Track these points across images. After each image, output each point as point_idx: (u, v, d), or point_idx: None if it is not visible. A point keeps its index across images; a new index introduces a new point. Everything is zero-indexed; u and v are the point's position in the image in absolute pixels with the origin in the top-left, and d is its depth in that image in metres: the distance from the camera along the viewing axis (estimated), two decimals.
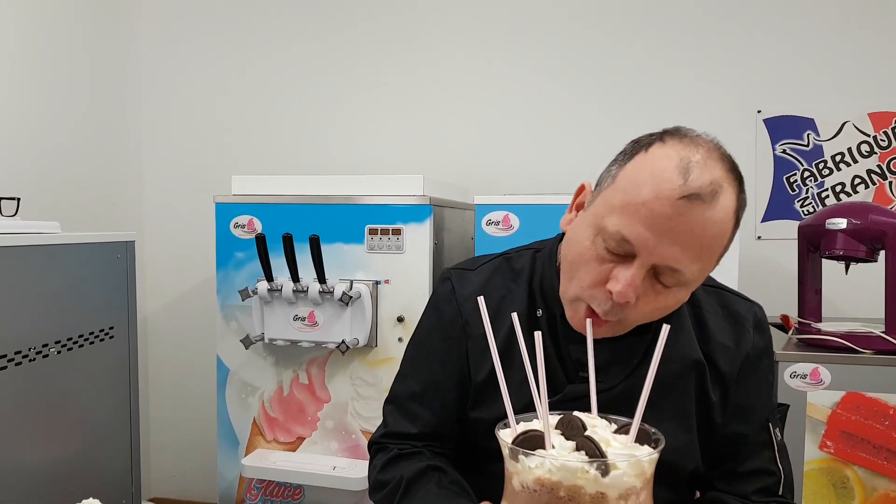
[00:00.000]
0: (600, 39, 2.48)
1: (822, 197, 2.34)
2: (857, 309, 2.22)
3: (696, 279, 0.86)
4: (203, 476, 2.81)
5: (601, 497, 0.66)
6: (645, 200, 0.81)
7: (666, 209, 0.80)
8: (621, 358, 0.94)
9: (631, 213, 0.81)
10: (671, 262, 0.82)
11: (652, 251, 0.81)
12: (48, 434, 1.67)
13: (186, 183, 2.84)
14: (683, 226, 0.80)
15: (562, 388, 0.95)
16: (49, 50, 2.37)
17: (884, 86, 2.29)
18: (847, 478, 1.70)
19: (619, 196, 0.84)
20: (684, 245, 0.81)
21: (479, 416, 1.00)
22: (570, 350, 0.95)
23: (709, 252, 0.84)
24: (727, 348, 0.99)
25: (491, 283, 1.03)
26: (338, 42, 2.69)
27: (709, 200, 0.80)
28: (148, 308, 2.89)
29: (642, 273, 0.82)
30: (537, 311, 0.98)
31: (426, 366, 1.06)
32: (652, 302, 0.85)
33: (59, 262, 1.71)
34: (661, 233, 0.80)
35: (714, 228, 0.82)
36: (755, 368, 1.01)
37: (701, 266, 0.84)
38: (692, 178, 0.80)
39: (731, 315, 1.02)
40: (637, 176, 0.83)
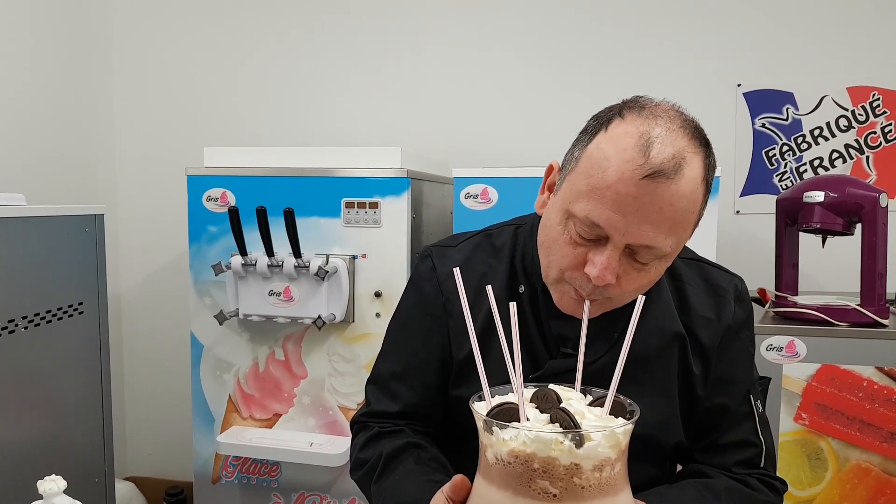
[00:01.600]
0: (580, 12, 2.45)
1: (801, 171, 2.35)
2: (834, 282, 2.23)
3: (673, 251, 0.86)
4: (179, 454, 2.79)
5: (576, 468, 0.65)
6: (609, 184, 0.80)
7: (631, 190, 0.79)
8: (603, 332, 0.94)
9: (597, 198, 0.81)
10: (644, 241, 0.82)
11: (623, 232, 0.81)
12: (17, 412, 1.64)
13: (158, 155, 2.78)
14: (650, 205, 0.80)
15: (543, 364, 0.95)
16: (17, 18, 2.29)
17: (862, 60, 2.29)
18: (821, 449, 1.72)
19: (584, 181, 0.83)
20: (655, 222, 0.81)
21: (460, 395, 0.99)
22: (552, 325, 0.95)
23: (681, 225, 0.84)
24: (708, 320, 0.99)
25: (472, 260, 1.02)
26: (314, 12, 2.63)
27: (673, 175, 0.80)
28: (120, 284, 2.84)
29: (617, 255, 0.83)
30: (519, 287, 0.98)
31: (407, 345, 1.05)
32: (634, 280, 0.86)
33: (25, 236, 1.67)
34: (629, 214, 0.80)
35: (682, 202, 0.82)
36: (736, 340, 1.01)
37: (675, 239, 0.84)
38: (654, 154, 0.80)
39: (711, 287, 1.02)
40: (599, 158, 0.83)
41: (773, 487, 0.98)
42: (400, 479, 0.94)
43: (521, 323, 0.89)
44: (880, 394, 1.68)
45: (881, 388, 1.68)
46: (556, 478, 0.66)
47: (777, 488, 0.99)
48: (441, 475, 0.92)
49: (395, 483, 0.94)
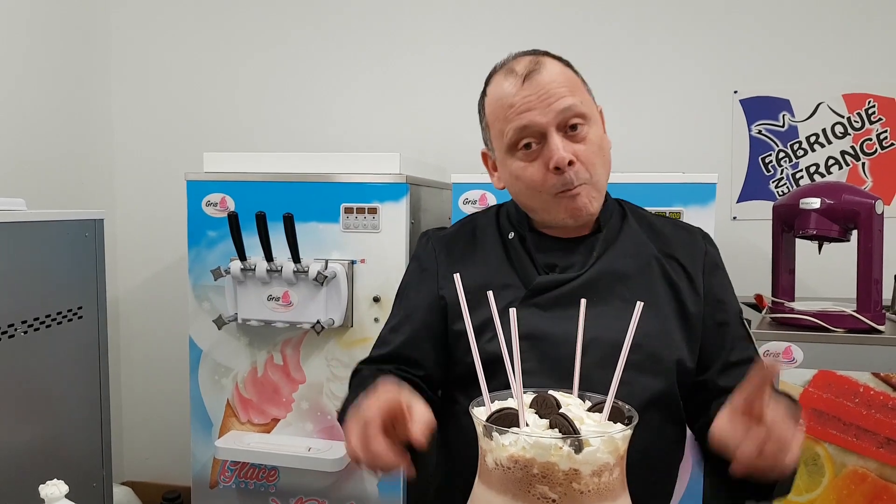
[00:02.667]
0: (577, 20, 2.46)
1: (797, 178, 2.36)
2: (830, 288, 2.24)
3: (589, 111, 1.04)
4: (177, 458, 2.79)
5: (575, 474, 0.66)
6: (511, 104, 1.02)
7: (523, 93, 1.01)
8: (581, 255, 1.08)
9: (511, 117, 1.02)
10: (561, 107, 1.00)
11: (543, 119, 1.00)
12: (15, 416, 1.64)
13: (158, 159, 2.78)
14: (541, 89, 1.00)
15: None
16: (16, 23, 2.30)
17: (858, 67, 2.31)
18: (818, 455, 1.73)
19: (497, 124, 1.05)
20: (554, 95, 1.00)
21: (460, 329, 1.06)
22: (539, 258, 1.09)
23: (574, 88, 1.04)
24: (684, 244, 1.12)
25: (464, 228, 1.18)
26: (314, 17, 2.64)
27: (539, 69, 1.03)
28: (119, 288, 2.85)
29: (557, 138, 1.00)
30: (509, 234, 1.12)
31: (405, 302, 1.16)
32: (586, 149, 1.02)
33: (25, 241, 1.67)
34: (535, 105, 1.00)
35: (559, 76, 1.03)
36: (717, 267, 1.13)
37: (580, 98, 1.03)
38: (517, 69, 1.04)
39: (679, 225, 1.18)
40: (494, 105, 1.06)
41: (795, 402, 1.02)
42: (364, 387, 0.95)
43: (515, 259, 1.09)
44: (876, 400, 1.69)
45: (877, 393, 1.69)
46: (555, 483, 0.66)
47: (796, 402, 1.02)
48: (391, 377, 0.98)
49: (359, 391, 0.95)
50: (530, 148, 1.02)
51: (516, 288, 1.06)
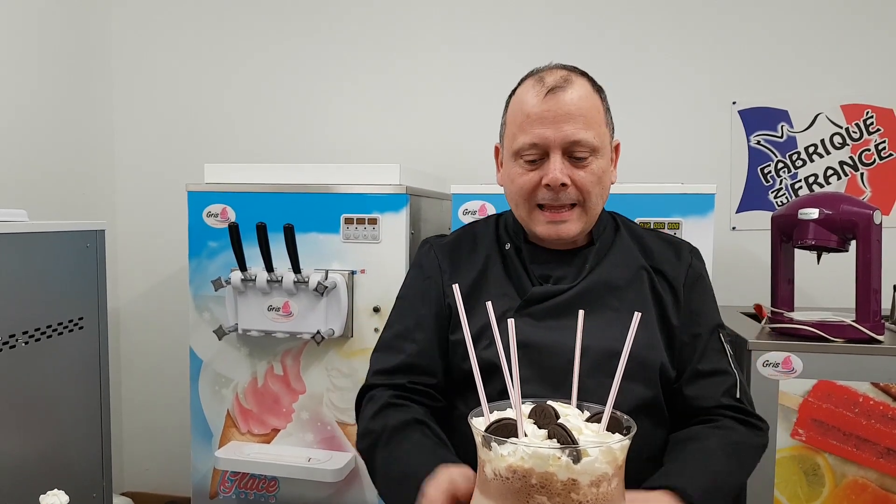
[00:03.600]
0: (577, 31, 2.48)
1: (796, 188, 2.37)
2: (829, 298, 2.25)
3: (601, 144, 1.07)
4: (177, 469, 2.78)
5: (573, 484, 0.66)
6: (528, 113, 1.06)
7: (542, 107, 1.04)
8: (574, 267, 1.12)
9: (526, 128, 1.05)
10: (571, 137, 1.03)
11: (553, 139, 1.04)
12: (16, 426, 1.64)
13: (158, 171, 2.79)
14: (560, 110, 1.04)
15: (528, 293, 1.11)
16: (18, 33, 2.31)
17: (856, 78, 2.32)
18: (818, 465, 1.72)
19: (512, 127, 1.09)
20: (570, 121, 1.04)
21: (457, 338, 1.10)
22: (535, 269, 1.13)
23: (592, 120, 1.06)
24: (670, 260, 1.16)
25: (464, 236, 1.22)
26: (314, 30, 2.66)
27: (566, 86, 1.06)
28: (120, 298, 2.85)
29: (559, 158, 1.04)
30: (505, 245, 1.16)
31: (409, 309, 1.17)
32: (584, 174, 1.06)
33: (27, 251, 1.67)
34: (549, 124, 1.04)
35: (583, 102, 1.06)
36: (700, 280, 1.17)
37: (595, 132, 1.06)
38: (546, 80, 1.07)
39: (667, 241, 1.21)
40: (515, 107, 1.10)
41: (758, 427, 1.08)
42: (406, 449, 0.99)
43: (512, 270, 1.13)
44: (876, 410, 1.69)
45: (877, 403, 1.69)
46: (553, 493, 0.66)
47: (760, 427, 1.08)
48: (444, 450, 0.99)
49: (402, 453, 0.99)
50: (533, 161, 1.07)
51: (511, 298, 1.10)
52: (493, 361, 0.97)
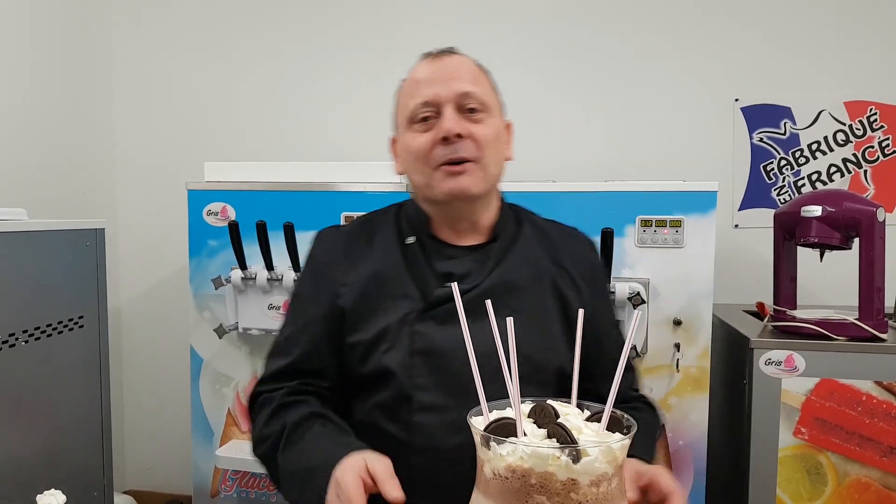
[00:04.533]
0: (579, 29, 2.47)
1: (799, 185, 2.36)
2: (832, 296, 2.24)
3: (490, 101, 1.09)
4: (178, 468, 2.78)
5: (573, 484, 0.66)
6: (417, 79, 1.09)
7: (429, 69, 1.08)
8: (477, 264, 1.09)
9: (416, 91, 1.07)
10: (460, 89, 1.05)
11: (444, 94, 1.05)
12: (17, 425, 1.64)
13: (158, 169, 2.79)
14: (446, 69, 1.07)
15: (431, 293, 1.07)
16: (17, 33, 2.31)
17: (859, 75, 2.31)
18: (820, 464, 1.72)
19: (403, 98, 1.10)
20: (457, 77, 1.06)
21: (354, 341, 1.06)
22: (438, 266, 1.09)
23: (479, 78, 1.09)
24: (571, 252, 1.16)
25: (361, 227, 1.16)
26: (314, 27, 2.66)
27: (450, 53, 1.10)
28: (120, 297, 2.85)
29: (451, 111, 1.05)
30: (407, 239, 1.11)
31: (300, 310, 1.12)
32: (479, 130, 1.05)
33: (27, 250, 1.67)
34: (438, 81, 1.06)
35: (467, 64, 1.10)
36: (601, 276, 1.19)
37: (482, 89, 1.08)
38: (431, 51, 1.11)
39: (569, 233, 1.21)
40: (405, 86, 1.12)
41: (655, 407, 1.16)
42: (308, 443, 0.96)
43: (414, 266, 1.08)
44: (879, 408, 1.68)
45: (880, 402, 1.68)
46: (553, 493, 0.66)
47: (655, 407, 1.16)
48: (348, 437, 0.97)
49: (304, 448, 0.96)
50: (427, 121, 1.06)
51: (413, 299, 1.06)
52: (390, 368, 1.00)
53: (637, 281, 1.83)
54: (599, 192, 1.88)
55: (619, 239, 1.84)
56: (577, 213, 1.85)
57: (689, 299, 1.84)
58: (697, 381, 1.86)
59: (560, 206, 1.88)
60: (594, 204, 1.87)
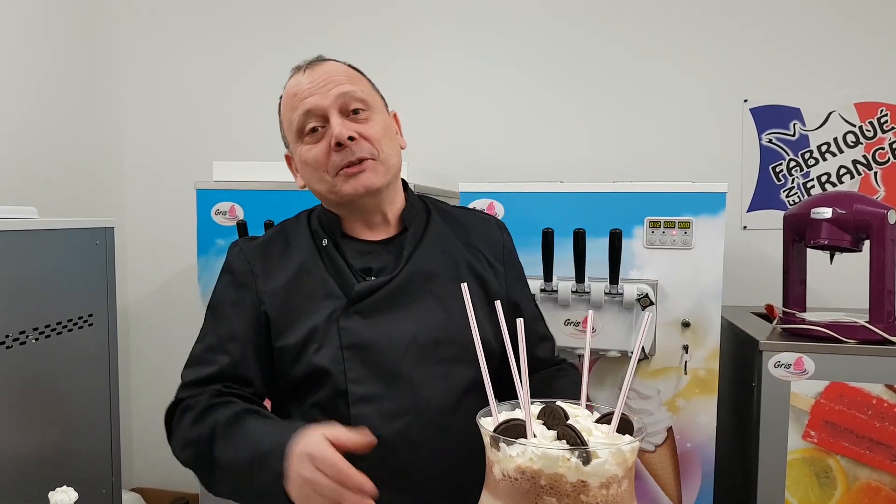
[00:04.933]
0: (586, 29, 2.47)
1: (808, 187, 2.34)
2: (842, 299, 2.22)
3: (372, 98, 1.12)
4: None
5: (582, 485, 0.65)
6: (294, 93, 1.10)
7: (305, 80, 1.09)
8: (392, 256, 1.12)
9: (295, 104, 1.09)
10: (339, 91, 1.07)
11: (324, 102, 1.06)
12: (26, 422, 1.64)
13: (167, 169, 2.80)
14: (321, 75, 1.09)
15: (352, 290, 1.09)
16: (27, 35, 2.32)
17: (870, 76, 2.29)
18: (830, 467, 1.71)
19: (286, 114, 1.12)
20: (333, 81, 1.08)
21: (283, 345, 1.07)
22: (355, 263, 1.12)
23: (354, 77, 1.12)
24: (481, 233, 1.20)
25: (276, 236, 1.18)
26: (321, 28, 2.66)
27: (320, 61, 1.13)
28: (129, 296, 2.86)
29: (337, 117, 1.06)
30: (322, 241, 1.14)
31: (221, 320, 1.12)
32: (367, 130, 1.08)
33: (37, 248, 1.68)
34: (316, 90, 1.07)
35: (339, 67, 1.12)
36: (512, 255, 1.23)
37: (360, 87, 1.11)
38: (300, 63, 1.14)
39: (476, 216, 1.25)
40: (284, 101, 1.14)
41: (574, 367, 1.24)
42: (250, 433, 0.95)
43: (332, 266, 1.10)
44: (890, 412, 1.67)
45: (891, 405, 1.67)
46: (562, 494, 0.66)
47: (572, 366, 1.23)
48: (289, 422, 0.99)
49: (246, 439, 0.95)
50: (316, 132, 1.08)
51: (336, 297, 1.08)
52: (322, 366, 1.02)
53: (645, 282, 1.83)
54: (608, 193, 1.88)
55: (628, 240, 1.83)
56: (586, 213, 1.85)
57: (698, 301, 1.84)
58: (705, 383, 1.85)
59: (568, 206, 1.88)
60: (603, 205, 1.87)
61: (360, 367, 1.04)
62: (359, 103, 1.09)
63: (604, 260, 1.77)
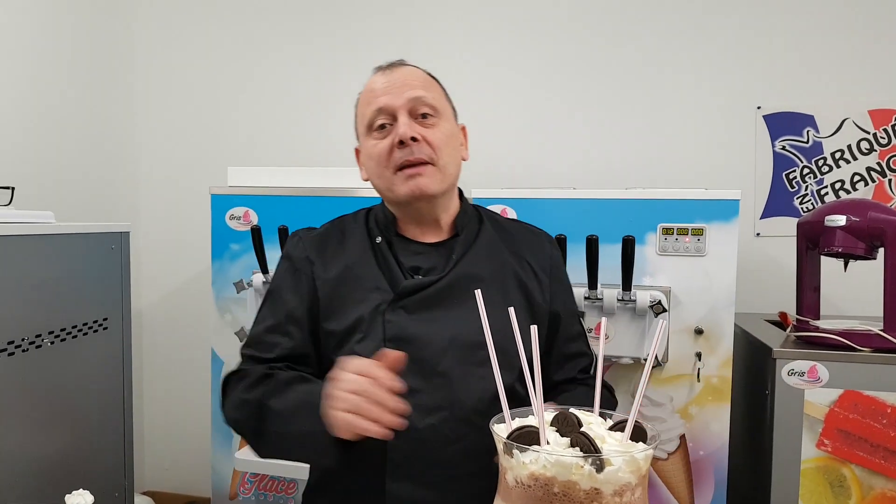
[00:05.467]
0: (600, 34, 2.47)
1: (822, 194, 2.33)
2: (856, 307, 2.21)
3: (442, 106, 1.17)
4: (197, 469, 2.80)
5: (596, 493, 0.65)
6: (372, 89, 1.16)
7: (382, 80, 1.16)
8: (441, 258, 1.17)
9: (370, 100, 1.15)
10: (412, 95, 1.13)
11: (397, 102, 1.12)
12: (41, 425, 1.66)
13: (182, 174, 2.82)
14: (397, 79, 1.15)
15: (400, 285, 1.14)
16: (45, 40, 2.35)
17: (884, 83, 2.28)
18: (844, 476, 1.70)
19: (361, 108, 1.18)
20: (408, 85, 1.14)
21: (329, 329, 1.13)
22: (406, 261, 1.17)
23: (430, 84, 1.18)
24: (531, 246, 1.24)
25: (334, 229, 1.24)
26: (336, 34, 2.68)
27: (399, 65, 1.19)
28: (143, 300, 2.88)
29: (405, 117, 1.12)
30: (376, 239, 1.19)
31: (280, 303, 1.18)
32: (432, 133, 1.13)
33: (53, 252, 1.70)
34: (391, 91, 1.14)
35: (417, 73, 1.19)
36: (560, 269, 1.26)
37: (432, 94, 1.16)
38: (383, 64, 1.20)
39: (527, 228, 1.30)
40: (361, 97, 1.19)
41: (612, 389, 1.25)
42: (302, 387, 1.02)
43: (383, 261, 1.16)
44: None
45: None
46: (576, 502, 0.66)
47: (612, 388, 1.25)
48: None
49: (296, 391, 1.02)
50: (384, 128, 1.14)
51: (384, 291, 1.13)
52: (364, 355, 1.06)
53: (658, 289, 1.82)
54: (621, 200, 1.88)
55: (641, 247, 1.83)
56: (598, 220, 1.85)
57: (711, 308, 1.83)
58: (719, 390, 1.84)
59: (581, 213, 1.88)
60: (615, 211, 1.87)
61: None
62: (428, 108, 1.14)
63: (616, 266, 1.77)
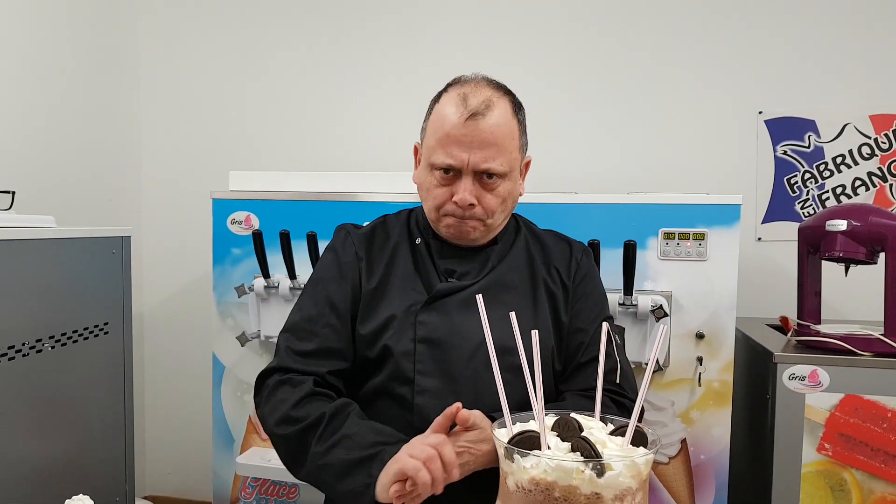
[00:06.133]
0: (601, 40, 2.47)
1: (823, 199, 2.33)
2: (857, 311, 2.21)
3: (510, 169, 1.14)
4: (198, 474, 2.80)
5: (596, 498, 0.66)
6: (447, 132, 1.11)
7: (461, 130, 1.10)
8: (477, 264, 1.20)
9: (444, 146, 1.11)
10: (482, 166, 1.11)
11: (467, 163, 1.10)
12: (41, 430, 1.66)
13: (183, 178, 2.83)
14: (475, 136, 1.10)
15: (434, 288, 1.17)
16: (47, 44, 2.36)
17: (885, 88, 2.28)
18: (844, 480, 1.69)
19: (433, 138, 1.14)
20: (484, 149, 1.10)
21: (364, 325, 1.15)
22: (442, 264, 1.20)
23: (505, 149, 1.13)
24: (563, 255, 1.25)
25: (377, 228, 1.27)
26: (338, 39, 2.68)
27: (486, 113, 1.11)
28: (144, 304, 2.88)
29: (470, 181, 1.11)
30: (416, 239, 1.23)
31: (322, 292, 1.19)
32: (491, 197, 1.13)
33: (54, 257, 1.70)
34: (465, 147, 1.10)
35: (498, 130, 1.11)
36: (588, 277, 1.26)
37: (506, 159, 1.13)
38: (469, 102, 1.11)
39: (561, 238, 1.31)
40: (437, 119, 1.15)
41: (622, 405, 1.17)
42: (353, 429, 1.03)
43: (421, 263, 1.20)
44: None
45: None
46: None
47: (625, 405, 1.17)
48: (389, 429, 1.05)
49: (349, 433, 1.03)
50: (448, 172, 1.13)
51: (418, 292, 1.17)
52: (394, 353, 1.12)
53: (660, 294, 1.83)
54: (622, 205, 1.88)
55: (642, 251, 1.83)
56: (600, 225, 1.85)
57: (712, 312, 1.83)
58: (720, 395, 1.84)
59: (583, 218, 1.88)
60: (617, 216, 1.87)
61: (430, 361, 1.12)
62: (494, 176, 1.13)
63: (618, 271, 1.77)
